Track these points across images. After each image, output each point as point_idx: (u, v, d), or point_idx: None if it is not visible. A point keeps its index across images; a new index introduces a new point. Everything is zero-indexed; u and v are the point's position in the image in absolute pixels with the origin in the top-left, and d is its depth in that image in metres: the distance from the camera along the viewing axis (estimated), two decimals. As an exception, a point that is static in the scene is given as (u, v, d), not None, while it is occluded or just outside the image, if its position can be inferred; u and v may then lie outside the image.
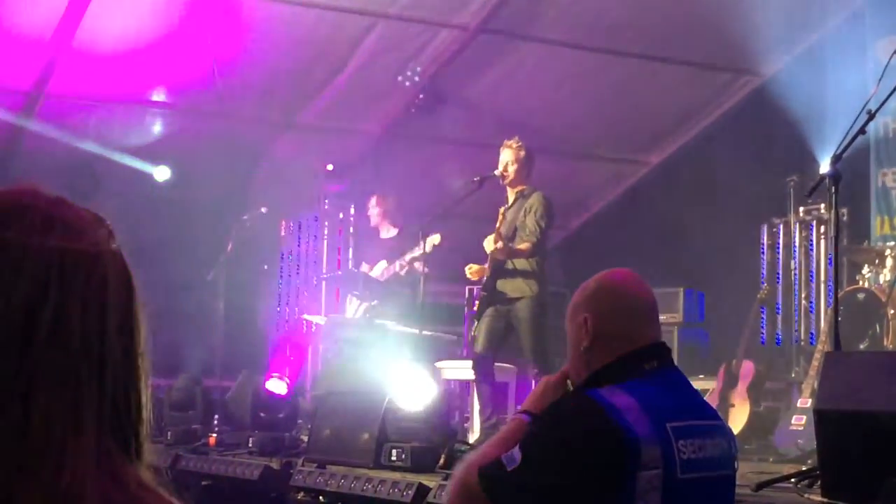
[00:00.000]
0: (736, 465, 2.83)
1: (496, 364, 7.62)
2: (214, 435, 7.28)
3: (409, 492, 5.19)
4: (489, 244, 7.30)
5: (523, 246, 7.31)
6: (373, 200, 9.29)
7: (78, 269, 1.12)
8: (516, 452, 2.59)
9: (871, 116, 5.18)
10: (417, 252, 7.79)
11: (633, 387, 2.62)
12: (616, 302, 2.82)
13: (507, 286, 7.36)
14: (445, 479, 5.19)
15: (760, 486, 4.56)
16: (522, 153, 7.50)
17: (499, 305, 7.39)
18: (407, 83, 8.31)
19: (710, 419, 2.78)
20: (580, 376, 2.81)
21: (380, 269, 8.88)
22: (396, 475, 5.45)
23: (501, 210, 7.59)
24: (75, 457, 1.07)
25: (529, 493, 2.58)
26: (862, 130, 5.20)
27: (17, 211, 1.14)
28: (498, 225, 7.34)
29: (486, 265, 7.47)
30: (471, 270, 7.65)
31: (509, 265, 7.37)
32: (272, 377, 7.55)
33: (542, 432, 2.66)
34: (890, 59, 5.39)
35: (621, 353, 2.74)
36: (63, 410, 1.08)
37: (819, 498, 4.20)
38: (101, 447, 1.09)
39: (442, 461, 5.44)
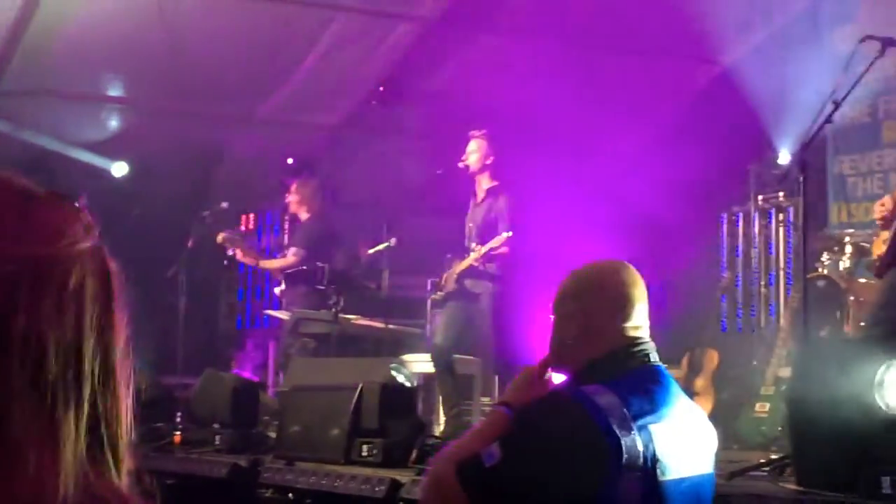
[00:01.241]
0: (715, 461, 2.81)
1: (462, 357, 7.64)
2: (178, 433, 7.20)
3: (382, 487, 5.14)
4: (469, 260, 7.31)
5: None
6: (293, 186, 9.20)
7: (53, 274, 1.05)
8: (495, 449, 2.54)
9: (837, 106, 5.22)
10: (382, 246, 7.77)
11: (618, 385, 2.57)
12: (608, 295, 2.76)
13: (470, 283, 7.38)
14: (418, 474, 5.17)
15: (733, 475, 4.57)
16: (484, 142, 7.51)
17: (459, 301, 7.42)
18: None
19: (692, 416, 2.74)
20: (562, 368, 2.77)
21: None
22: (368, 471, 5.40)
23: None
24: (54, 473, 1.02)
25: (506, 491, 2.53)
26: (828, 119, 5.24)
27: None
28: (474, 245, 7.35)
29: (453, 271, 7.48)
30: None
31: (471, 271, 7.40)
32: (237, 374, 7.49)
33: (523, 430, 2.60)
34: (855, 48, 5.43)
35: (609, 348, 2.70)
36: (40, 425, 1.02)
37: (794, 486, 4.23)
38: (80, 461, 1.04)
39: (414, 456, 5.42)
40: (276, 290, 8.90)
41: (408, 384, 5.82)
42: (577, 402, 2.52)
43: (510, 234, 7.15)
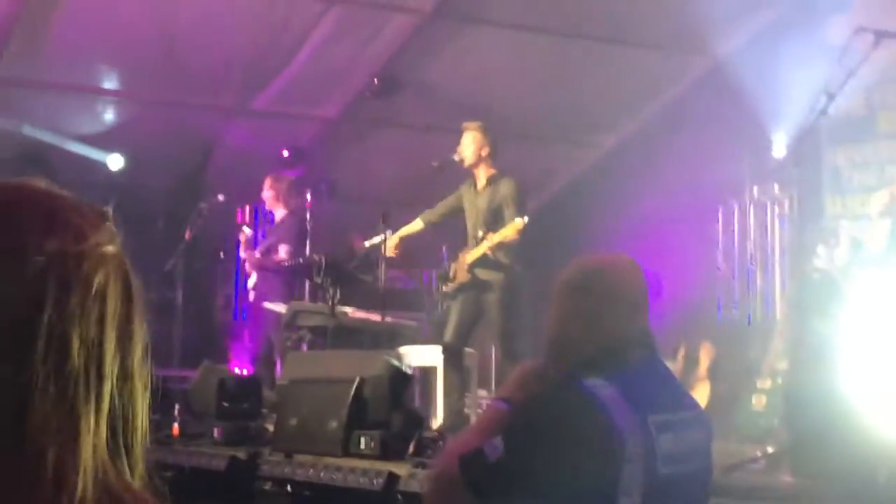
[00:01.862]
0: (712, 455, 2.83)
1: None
2: (177, 425, 7.21)
3: (380, 480, 5.16)
4: (483, 247, 7.29)
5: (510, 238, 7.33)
6: (266, 182, 9.21)
7: (80, 271, 1.07)
8: (498, 442, 2.53)
9: (832, 98, 5.24)
10: (377, 240, 7.78)
11: (619, 378, 2.57)
12: (622, 293, 2.74)
13: (481, 272, 7.39)
14: (416, 466, 5.19)
15: (730, 469, 4.60)
16: (479, 134, 7.52)
17: (470, 291, 7.43)
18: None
19: (690, 410, 2.77)
20: (562, 360, 2.74)
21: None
22: (365, 463, 5.42)
23: (462, 193, 7.61)
24: (73, 469, 1.02)
25: (510, 484, 2.53)
26: (823, 111, 5.25)
27: (15, 209, 1.09)
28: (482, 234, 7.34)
29: (462, 261, 7.48)
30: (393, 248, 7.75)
31: (483, 261, 7.40)
32: (234, 366, 7.51)
33: (526, 423, 2.59)
34: (848, 39, 5.44)
35: (611, 341, 2.70)
36: (60, 420, 1.03)
37: (789, 478, 4.25)
38: (99, 458, 1.06)
39: (412, 449, 5.43)
40: (249, 283, 8.93)
41: (405, 367, 5.83)
42: (580, 395, 2.53)
43: (525, 220, 7.18)
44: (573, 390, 2.57)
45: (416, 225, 7.93)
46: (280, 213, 9.20)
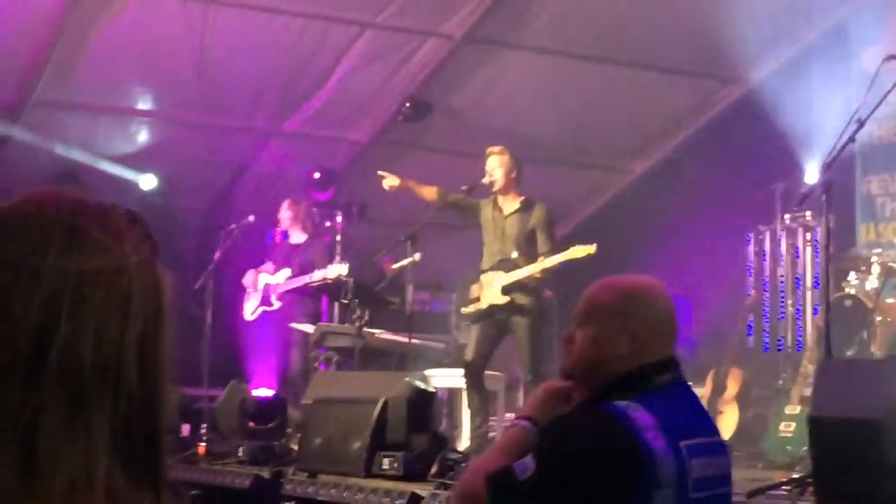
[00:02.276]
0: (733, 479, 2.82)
1: (488, 372, 7.65)
2: (203, 444, 7.25)
3: (402, 501, 5.16)
4: (531, 268, 7.28)
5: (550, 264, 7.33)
6: (285, 204, 9.28)
7: (96, 292, 1.04)
8: (529, 461, 2.51)
9: (861, 125, 5.21)
10: (406, 261, 7.80)
11: (650, 402, 2.57)
12: (657, 316, 2.74)
13: (511, 296, 7.38)
14: (438, 487, 5.18)
15: (753, 494, 4.56)
16: (507, 157, 7.55)
17: (497, 314, 7.42)
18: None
19: (715, 436, 2.76)
20: (593, 381, 2.72)
21: (283, 277, 8.93)
22: (388, 484, 5.42)
23: (481, 208, 7.61)
24: (85, 489, 0.99)
25: None
26: (852, 139, 5.22)
27: (35, 224, 1.06)
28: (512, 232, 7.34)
29: (491, 283, 7.48)
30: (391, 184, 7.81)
31: (520, 285, 7.39)
32: (260, 386, 7.54)
33: (559, 444, 2.57)
34: (879, 68, 5.42)
35: (646, 365, 2.69)
36: (72, 446, 1.00)
37: (813, 504, 4.21)
38: (113, 482, 1.02)
39: (434, 470, 5.42)
40: (275, 304, 8.97)
41: (429, 389, 5.82)
42: (614, 416, 2.51)
43: (595, 247, 7.21)
44: (606, 412, 2.55)
45: (430, 190, 7.89)
46: (298, 235, 9.23)
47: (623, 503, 2.48)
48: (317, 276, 8.47)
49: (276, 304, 8.94)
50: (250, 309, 9.16)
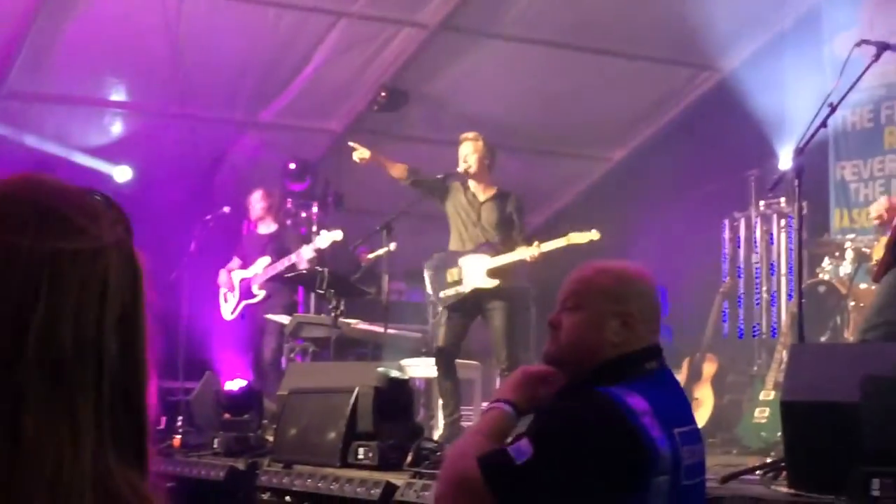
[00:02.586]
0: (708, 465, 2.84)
1: (464, 361, 7.64)
2: (179, 436, 7.23)
3: (377, 490, 5.15)
4: (523, 252, 7.29)
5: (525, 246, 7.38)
6: (258, 194, 9.22)
7: (73, 271, 1.04)
8: (525, 445, 2.47)
9: (833, 109, 5.22)
10: (382, 251, 7.78)
11: (642, 388, 2.55)
12: (648, 301, 2.75)
13: (480, 284, 7.38)
14: (413, 476, 5.18)
15: (726, 479, 4.57)
16: (480, 143, 7.54)
17: (471, 301, 7.40)
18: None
19: (695, 423, 2.77)
20: (583, 364, 2.69)
21: (261, 266, 8.89)
22: (363, 474, 5.41)
23: (452, 191, 7.60)
24: (72, 479, 0.99)
25: (540, 488, 2.45)
26: (824, 124, 5.24)
27: (11, 207, 1.06)
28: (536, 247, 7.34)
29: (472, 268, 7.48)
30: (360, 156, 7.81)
31: (506, 268, 7.39)
32: (233, 378, 7.52)
33: (559, 428, 2.53)
34: (850, 52, 5.43)
35: (637, 350, 2.69)
36: (56, 428, 1.00)
37: (785, 489, 4.23)
38: (100, 462, 1.02)
39: (409, 459, 5.42)
40: (259, 293, 8.93)
41: (405, 379, 5.81)
42: (614, 402, 2.49)
43: (577, 235, 7.22)
44: (606, 397, 2.52)
45: (399, 167, 7.85)
46: (268, 225, 9.17)
47: (620, 488, 2.46)
48: (305, 252, 8.41)
49: (260, 294, 8.89)
50: (229, 309, 9.10)
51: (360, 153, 7.88)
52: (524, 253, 7.28)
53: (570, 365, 2.72)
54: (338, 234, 8.27)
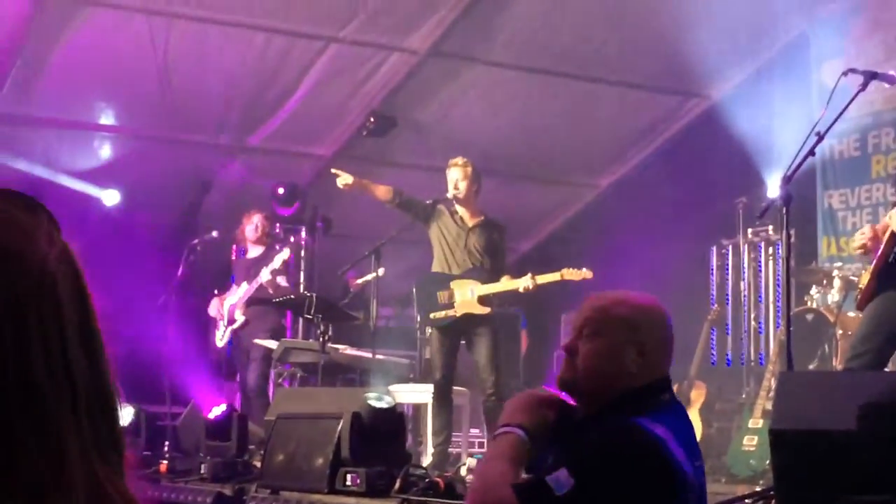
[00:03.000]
0: None
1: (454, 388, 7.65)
2: (165, 462, 7.19)
3: (365, 517, 5.14)
4: (519, 283, 7.31)
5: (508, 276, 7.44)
6: (258, 217, 9.16)
7: (28, 301, 1.02)
8: (564, 476, 2.46)
9: (820, 138, 5.24)
10: (370, 276, 7.77)
11: (664, 419, 2.58)
12: (664, 332, 2.77)
13: (471, 309, 7.38)
14: (401, 503, 5.16)
15: (716, 507, 4.56)
16: (469, 169, 7.56)
17: (464, 328, 7.41)
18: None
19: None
20: (592, 397, 2.71)
21: (242, 291, 8.86)
22: (351, 500, 5.39)
23: (439, 216, 7.60)
24: (67, 493, 1.00)
25: None
26: (811, 152, 5.25)
27: None
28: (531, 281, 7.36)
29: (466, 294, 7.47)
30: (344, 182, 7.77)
31: (482, 291, 7.40)
32: (218, 404, 7.48)
33: (600, 459, 2.55)
34: (837, 81, 5.46)
35: (655, 380, 2.72)
36: (47, 449, 1.00)
37: (775, 518, 4.22)
38: (89, 471, 1.03)
39: (398, 485, 5.40)
40: (240, 318, 8.88)
41: (385, 406, 5.77)
42: (647, 433, 2.51)
43: (571, 271, 7.26)
44: (637, 428, 2.54)
45: (384, 189, 7.83)
46: (257, 250, 9.11)
47: None
48: (263, 274, 8.41)
49: (240, 319, 8.86)
50: (219, 336, 9.06)
51: (344, 179, 7.87)
52: (519, 283, 7.32)
53: (585, 392, 2.73)
54: (285, 254, 8.29)
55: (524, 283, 7.31)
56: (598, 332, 2.72)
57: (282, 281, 8.68)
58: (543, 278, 7.34)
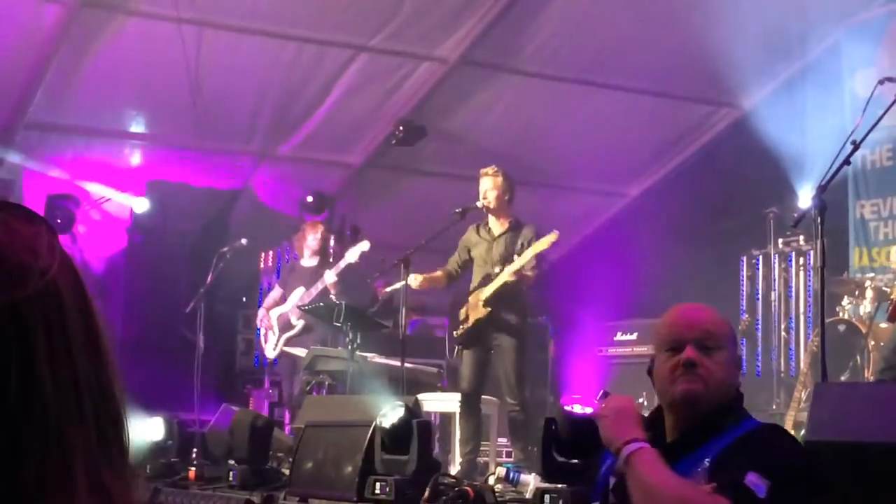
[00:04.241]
0: None
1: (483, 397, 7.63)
2: (194, 469, 7.19)
3: (393, 525, 5.12)
4: (503, 276, 7.28)
5: (531, 273, 7.30)
6: (322, 228, 9.20)
7: (33, 315, 1.01)
8: (756, 479, 2.64)
9: (856, 147, 5.20)
10: (399, 285, 7.76)
11: None
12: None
13: (496, 317, 7.36)
14: (430, 512, 5.13)
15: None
16: (500, 179, 7.53)
17: (484, 337, 7.39)
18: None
19: None
20: (716, 404, 2.87)
21: (297, 297, 8.86)
22: (380, 509, 5.38)
23: (469, 237, 7.60)
24: (71, 500, 0.99)
25: None
26: (846, 161, 5.21)
27: None
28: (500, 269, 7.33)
29: (476, 301, 7.44)
30: (417, 281, 7.66)
31: (501, 297, 7.36)
32: (252, 410, 7.49)
33: (783, 457, 2.76)
34: (874, 89, 5.42)
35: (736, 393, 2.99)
36: (51, 457, 1.00)
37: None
38: (94, 478, 1.02)
39: (426, 494, 5.38)
40: (298, 323, 8.87)
41: (422, 414, 5.76)
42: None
43: (557, 234, 7.21)
44: (779, 425, 2.94)
45: (438, 277, 7.87)
46: (313, 260, 9.10)
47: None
48: (328, 276, 8.40)
49: (298, 325, 8.84)
50: (271, 347, 9.04)
51: (414, 280, 7.75)
52: (503, 276, 7.27)
53: (712, 403, 2.89)
54: (365, 245, 8.28)
55: (506, 273, 7.25)
56: (720, 345, 2.91)
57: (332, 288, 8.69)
58: (518, 262, 7.28)
